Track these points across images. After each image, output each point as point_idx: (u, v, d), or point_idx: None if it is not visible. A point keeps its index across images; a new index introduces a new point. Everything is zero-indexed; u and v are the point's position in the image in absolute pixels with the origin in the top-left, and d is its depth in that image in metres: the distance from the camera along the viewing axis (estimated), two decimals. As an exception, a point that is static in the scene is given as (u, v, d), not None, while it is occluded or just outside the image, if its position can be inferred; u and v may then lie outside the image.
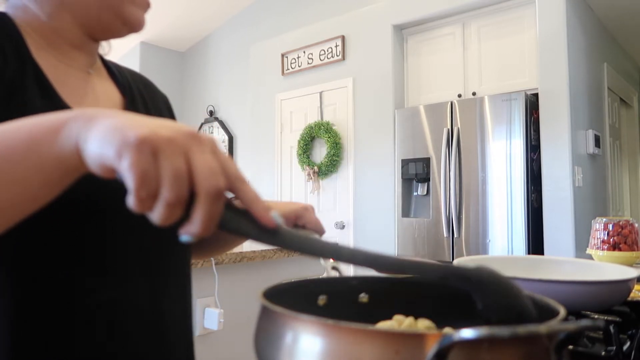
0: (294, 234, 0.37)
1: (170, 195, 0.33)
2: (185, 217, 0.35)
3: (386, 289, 0.49)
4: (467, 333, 0.28)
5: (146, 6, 0.63)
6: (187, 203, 0.34)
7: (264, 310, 0.38)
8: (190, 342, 0.71)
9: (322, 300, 0.47)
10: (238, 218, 0.37)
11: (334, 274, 0.53)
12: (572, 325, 0.31)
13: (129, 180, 0.33)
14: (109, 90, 0.67)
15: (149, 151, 0.33)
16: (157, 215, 0.34)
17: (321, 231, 0.70)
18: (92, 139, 0.36)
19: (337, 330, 0.32)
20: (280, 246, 0.37)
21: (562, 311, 0.36)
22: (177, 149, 0.34)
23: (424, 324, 0.43)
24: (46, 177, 0.38)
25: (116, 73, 0.70)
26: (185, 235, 0.35)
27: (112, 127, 0.35)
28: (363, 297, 0.49)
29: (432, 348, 0.29)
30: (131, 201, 0.34)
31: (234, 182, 0.37)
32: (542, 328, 0.30)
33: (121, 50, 5.76)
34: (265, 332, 0.37)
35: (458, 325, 0.44)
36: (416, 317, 0.45)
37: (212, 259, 1.69)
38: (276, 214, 0.37)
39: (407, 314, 0.45)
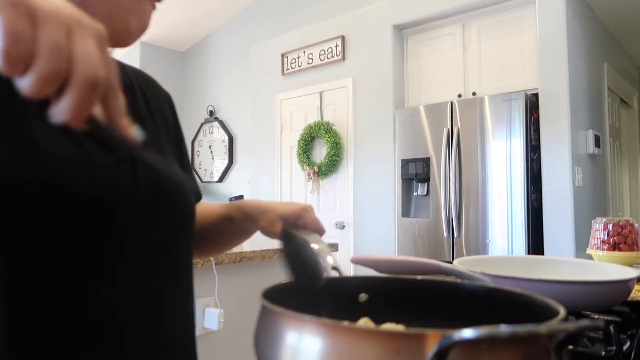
0: (151, 154, 0.38)
1: (44, 66, 0.31)
2: (55, 96, 0.33)
3: (386, 288, 0.49)
4: (467, 333, 0.28)
5: (148, 15, 0.61)
6: (60, 84, 0.32)
7: (264, 310, 0.38)
8: (193, 343, 0.70)
9: (322, 299, 0.47)
10: (103, 128, 0.36)
11: (334, 273, 0.53)
12: (572, 325, 0.31)
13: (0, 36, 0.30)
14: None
15: (25, 12, 0.31)
16: (26, 84, 0.31)
17: (321, 231, 0.70)
18: None
19: (337, 330, 0.32)
20: (134, 155, 0.37)
21: (562, 311, 0.36)
22: (60, 23, 0.32)
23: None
24: None
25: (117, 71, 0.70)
26: (54, 116, 0.33)
27: None
28: (362, 297, 0.49)
29: (432, 348, 0.29)
30: (0, 62, 0.31)
31: (107, 92, 0.35)
32: (542, 328, 0.30)
33: (121, 50, 5.76)
34: (265, 332, 0.37)
35: (459, 326, 0.44)
36: (416, 317, 0.45)
37: (212, 259, 1.69)
38: (138, 130, 0.37)
39: (406, 314, 0.45)
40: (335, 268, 0.54)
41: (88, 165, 0.52)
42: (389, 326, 0.42)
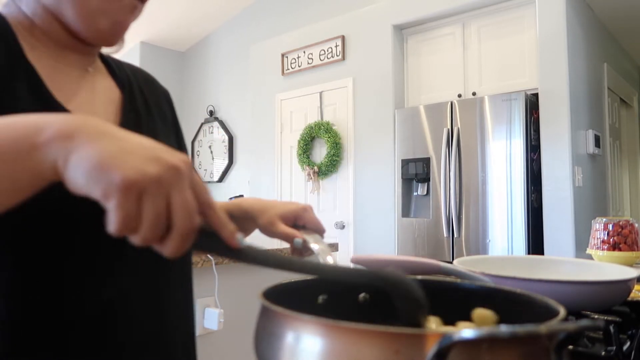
0: (256, 251, 0.42)
1: (147, 234, 0.36)
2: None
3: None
4: (468, 333, 0.28)
5: (131, 8, 0.59)
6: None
7: (264, 310, 0.38)
8: (193, 343, 0.70)
9: (321, 299, 0.47)
10: (209, 240, 0.41)
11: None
12: (572, 325, 0.31)
13: (113, 218, 0.35)
14: (107, 87, 0.66)
15: (135, 196, 0.35)
16: (133, 240, 0.37)
17: (321, 230, 0.70)
18: (75, 169, 0.36)
19: (337, 330, 0.32)
20: (244, 262, 0.42)
21: (562, 311, 0.36)
22: (162, 190, 0.36)
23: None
24: (15, 186, 0.38)
25: (115, 69, 0.69)
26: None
27: (97, 164, 0.35)
28: (363, 296, 0.49)
29: (432, 348, 0.29)
30: (111, 229, 0.36)
31: (206, 209, 0.40)
32: (542, 328, 0.30)
33: (121, 50, 5.75)
34: (265, 332, 0.37)
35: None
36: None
37: (212, 259, 1.69)
38: (241, 236, 0.42)
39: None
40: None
41: None
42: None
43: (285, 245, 1.89)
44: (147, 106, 0.70)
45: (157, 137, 0.67)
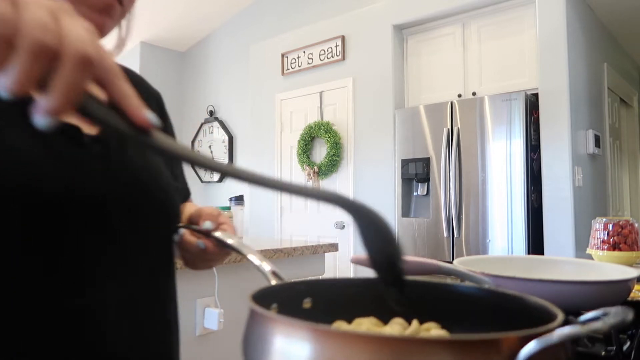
0: (167, 138, 0.33)
1: (31, 39, 0.28)
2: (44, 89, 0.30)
3: (371, 290, 0.49)
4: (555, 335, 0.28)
5: (102, 8, 0.55)
6: (45, 73, 0.29)
7: (252, 314, 0.36)
8: (174, 353, 0.64)
9: (307, 303, 0.45)
10: (106, 109, 0.32)
11: (273, 280, 0.50)
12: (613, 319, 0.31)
13: None
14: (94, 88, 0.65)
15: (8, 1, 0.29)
16: (13, 72, 0.29)
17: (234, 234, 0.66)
18: None
19: (328, 336, 0.31)
20: (150, 148, 0.33)
21: (560, 315, 0.36)
22: (45, 7, 0.30)
23: (434, 329, 0.42)
24: None
25: None
26: (40, 114, 0.30)
27: None
28: (307, 302, 0.47)
29: (521, 354, 0.29)
30: None
31: (106, 73, 0.32)
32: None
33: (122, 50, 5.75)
34: (252, 336, 0.35)
35: (457, 329, 0.44)
36: (412, 320, 0.44)
37: (212, 259, 1.69)
38: (152, 114, 0.33)
39: (404, 316, 0.45)
40: (275, 273, 0.51)
41: (55, 166, 0.49)
42: (422, 326, 0.42)
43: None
44: None
45: (138, 157, 0.64)
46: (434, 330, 0.42)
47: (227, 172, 0.35)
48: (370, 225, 0.37)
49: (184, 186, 0.80)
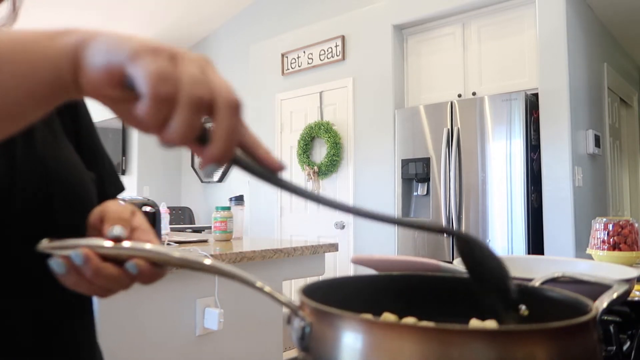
0: (287, 180, 0.39)
1: (191, 94, 0.31)
2: (202, 139, 0.33)
3: (392, 284, 0.49)
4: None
5: None
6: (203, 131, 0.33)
7: (303, 307, 0.38)
8: None
9: (523, 311, 0.44)
10: (246, 157, 0.37)
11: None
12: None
13: (144, 79, 0.31)
14: None
15: (166, 55, 0.32)
16: (176, 124, 0.31)
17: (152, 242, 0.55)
18: (97, 46, 0.33)
19: (379, 327, 0.31)
20: (282, 188, 0.38)
21: (593, 308, 0.36)
22: (193, 61, 0.33)
23: (490, 324, 0.42)
24: (32, 87, 0.34)
25: None
26: (209, 164, 0.34)
27: (122, 37, 0.33)
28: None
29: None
30: (145, 107, 0.31)
31: (242, 128, 0.36)
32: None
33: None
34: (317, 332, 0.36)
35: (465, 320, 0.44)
36: (417, 315, 0.44)
37: (212, 258, 1.69)
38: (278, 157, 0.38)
39: (409, 310, 0.45)
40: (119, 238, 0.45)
41: None
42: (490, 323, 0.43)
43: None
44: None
45: (51, 125, 0.59)
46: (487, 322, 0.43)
47: (337, 206, 0.39)
48: (479, 253, 0.42)
49: (114, 179, 0.70)
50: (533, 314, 0.43)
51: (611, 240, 1.42)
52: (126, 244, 0.43)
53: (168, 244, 1.97)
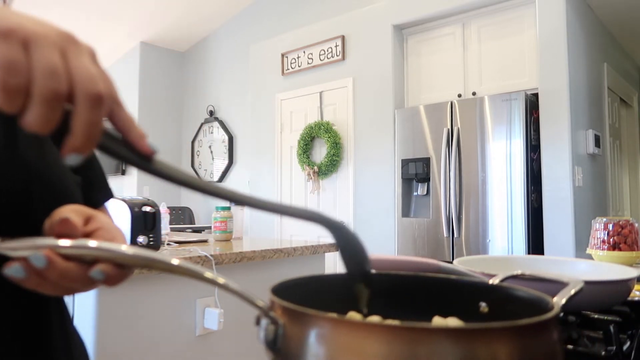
0: (167, 164, 0.36)
1: (45, 88, 0.30)
2: (64, 130, 0.32)
3: (385, 284, 0.49)
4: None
5: None
6: (64, 114, 0.32)
7: (273, 305, 0.37)
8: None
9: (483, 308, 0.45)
10: (116, 142, 0.35)
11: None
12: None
13: None
14: None
15: (17, 41, 0.30)
16: (32, 116, 0.30)
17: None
18: None
19: (346, 326, 0.31)
20: (154, 174, 0.36)
21: (556, 307, 0.37)
22: (52, 45, 0.31)
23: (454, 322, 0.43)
24: None
25: None
26: (70, 153, 0.32)
27: None
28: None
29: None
30: None
31: (111, 103, 0.34)
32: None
33: (121, 50, 5.76)
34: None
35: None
36: (411, 312, 0.45)
37: (212, 258, 1.69)
38: (151, 142, 0.36)
39: (401, 310, 0.45)
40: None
41: None
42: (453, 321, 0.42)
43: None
44: None
45: (30, 149, 0.55)
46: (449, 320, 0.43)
47: (219, 194, 0.37)
48: (345, 239, 0.44)
49: (103, 185, 0.67)
50: (493, 311, 0.44)
51: (611, 240, 1.42)
52: (92, 243, 0.39)
53: (168, 244, 1.97)
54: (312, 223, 0.41)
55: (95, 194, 0.64)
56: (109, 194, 0.67)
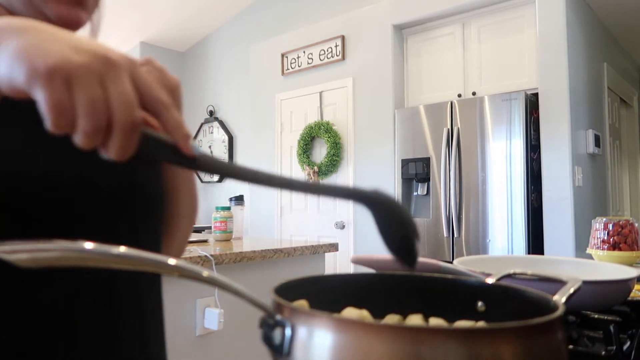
0: (212, 160, 0.38)
1: (87, 126, 0.33)
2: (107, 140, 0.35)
3: (385, 284, 0.49)
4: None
5: (75, 0, 0.55)
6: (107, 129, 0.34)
7: (276, 307, 0.38)
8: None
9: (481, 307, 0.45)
10: (158, 146, 0.37)
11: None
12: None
13: (44, 110, 0.32)
14: None
15: (61, 81, 0.32)
16: (76, 140, 0.33)
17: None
18: (1, 59, 0.33)
19: (350, 326, 0.31)
20: (200, 170, 0.38)
21: (560, 307, 0.37)
22: (92, 77, 0.33)
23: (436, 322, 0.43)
24: None
25: None
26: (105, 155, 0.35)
27: (21, 50, 0.33)
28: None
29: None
30: (49, 127, 0.33)
31: (156, 106, 0.37)
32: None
33: (121, 50, 5.76)
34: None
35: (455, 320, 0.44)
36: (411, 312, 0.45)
37: (212, 258, 1.69)
38: (195, 143, 0.38)
39: (402, 310, 0.45)
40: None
41: (41, 157, 0.48)
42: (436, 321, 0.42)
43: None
44: None
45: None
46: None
47: (261, 181, 0.39)
48: (387, 211, 0.43)
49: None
50: (490, 310, 0.44)
51: (611, 240, 1.42)
52: (114, 250, 0.35)
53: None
54: (344, 200, 0.42)
55: None
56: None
